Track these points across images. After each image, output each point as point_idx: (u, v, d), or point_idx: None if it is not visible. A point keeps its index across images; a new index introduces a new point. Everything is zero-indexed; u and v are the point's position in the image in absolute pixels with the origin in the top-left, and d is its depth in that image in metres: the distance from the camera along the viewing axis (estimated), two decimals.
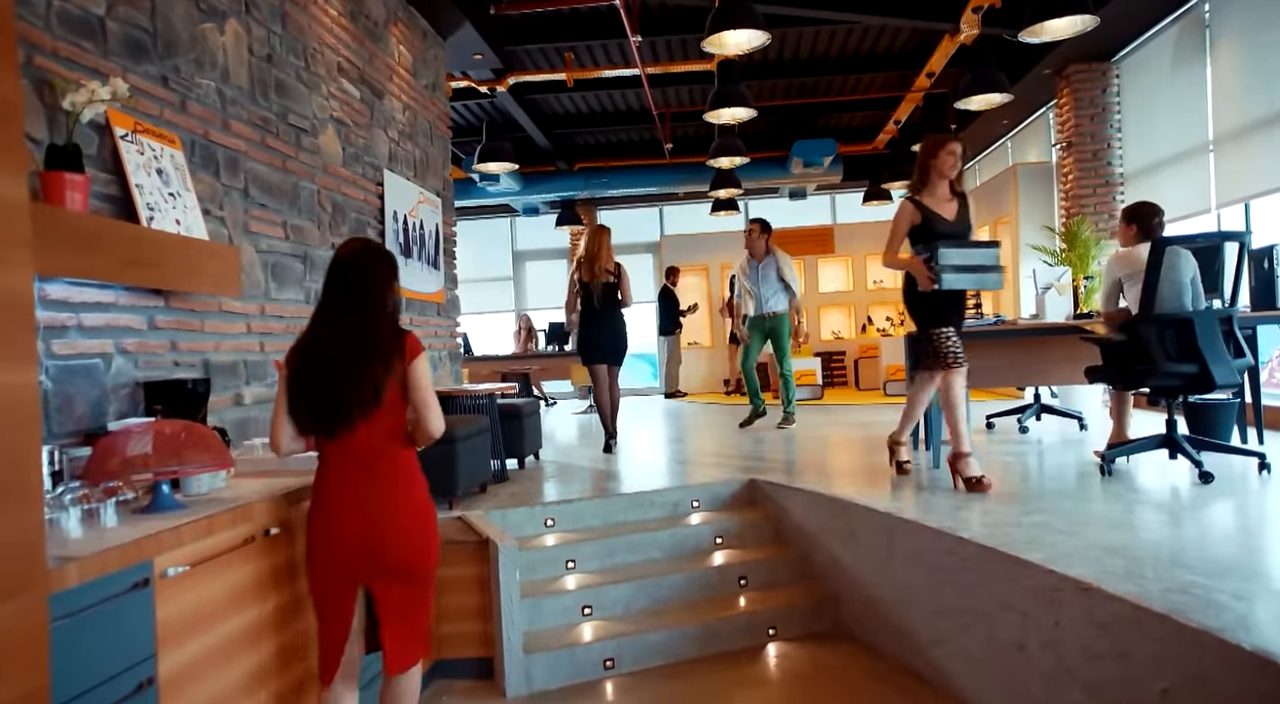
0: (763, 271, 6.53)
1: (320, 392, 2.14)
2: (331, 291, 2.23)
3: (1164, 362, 3.62)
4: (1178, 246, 3.80)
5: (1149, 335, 3.65)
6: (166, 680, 1.80)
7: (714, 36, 5.27)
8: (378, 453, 2.18)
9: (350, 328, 2.17)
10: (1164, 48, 6.95)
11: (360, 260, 2.23)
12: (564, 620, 3.61)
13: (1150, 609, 2.12)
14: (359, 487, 2.15)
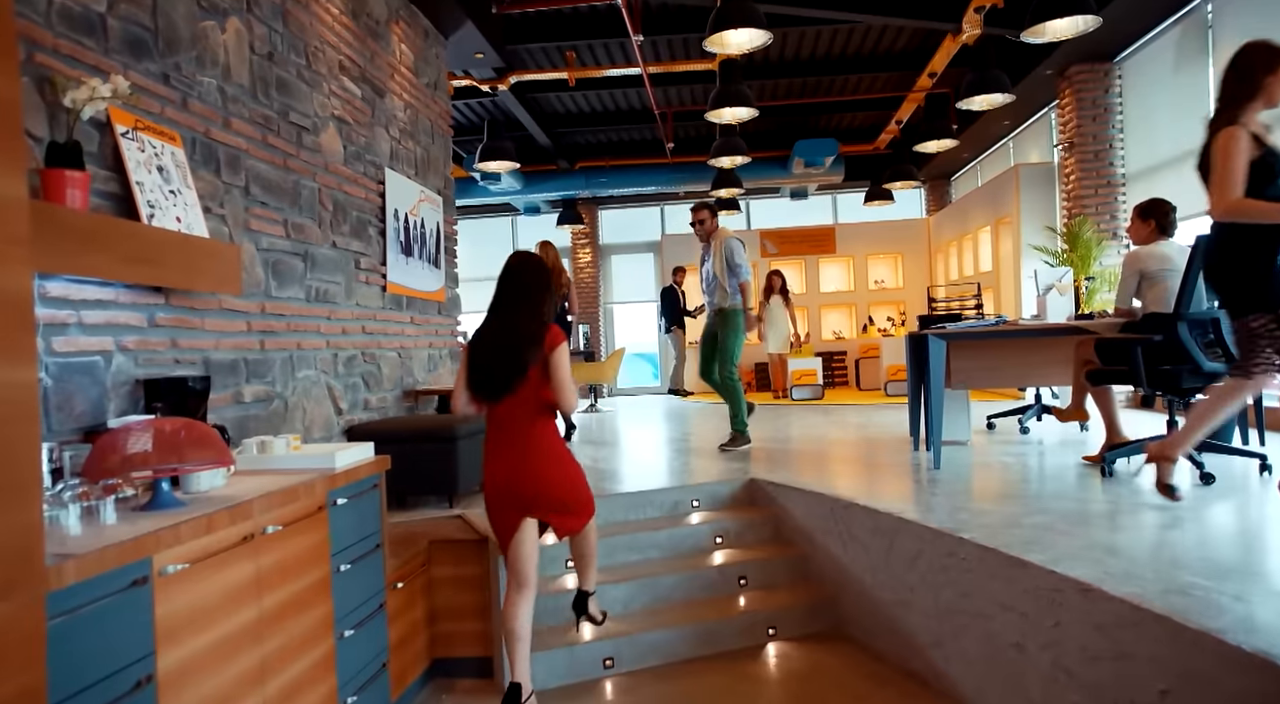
0: (709, 260, 5.56)
1: (486, 368, 2.79)
2: (500, 292, 2.89)
3: (1205, 361, 3.59)
4: (1182, 247, 3.79)
5: (1186, 335, 3.61)
6: (165, 678, 1.80)
7: (715, 36, 5.27)
8: (525, 419, 2.81)
9: (509, 321, 2.83)
10: (1166, 48, 6.94)
11: (522, 269, 2.89)
12: (563, 619, 3.60)
13: (1150, 610, 2.12)
14: (510, 443, 2.82)
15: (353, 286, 4.22)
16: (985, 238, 10.07)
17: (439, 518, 3.83)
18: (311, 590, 2.46)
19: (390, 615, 3.00)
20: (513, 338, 2.78)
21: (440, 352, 5.48)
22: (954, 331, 4.42)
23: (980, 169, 11.81)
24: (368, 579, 2.83)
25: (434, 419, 4.31)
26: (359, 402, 4.26)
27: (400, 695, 3.06)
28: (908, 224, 12.88)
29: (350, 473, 2.71)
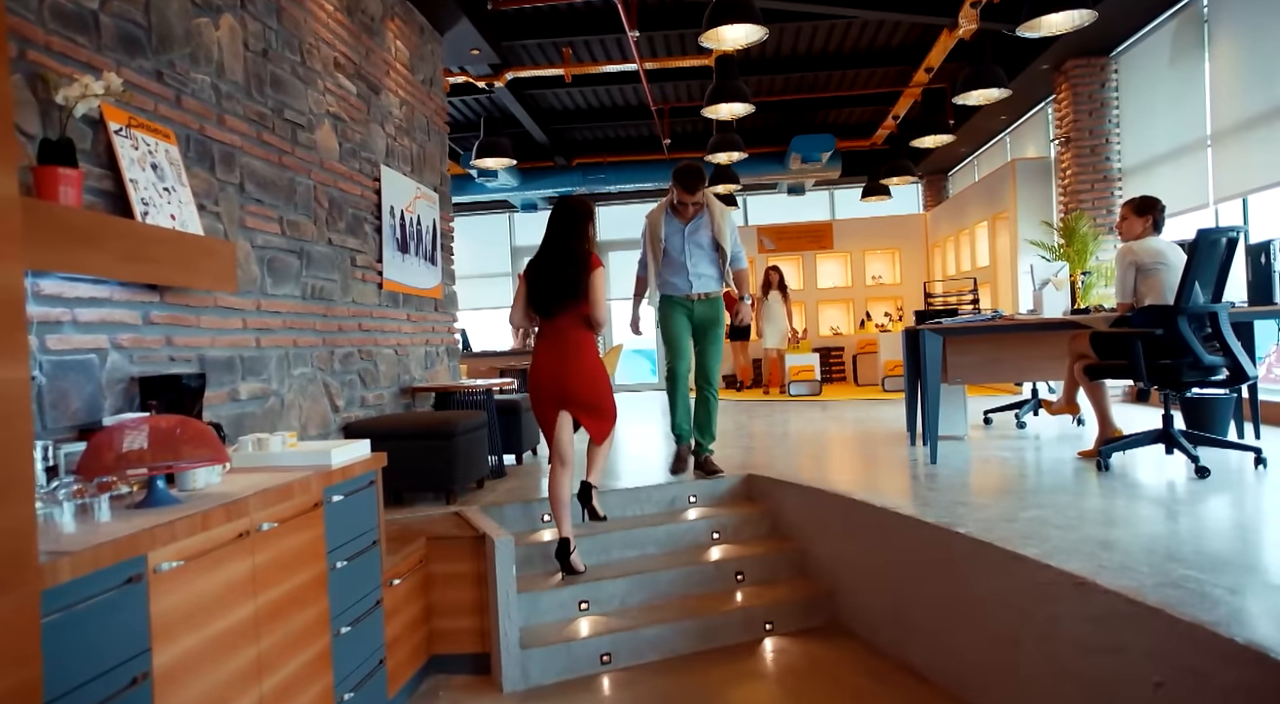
0: (690, 234, 4.48)
1: (542, 288, 3.54)
2: (551, 228, 3.60)
3: (1205, 355, 3.60)
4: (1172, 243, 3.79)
5: (1186, 329, 3.62)
6: (161, 675, 1.80)
7: (711, 32, 5.26)
8: (570, 330, 3.56)
9: (562, 250, 3.55)
10: (1162, 43, 6.94)
11: (568, 208, 3.61)
12: (560, 615, 3.61)
13: (1144, 603, 2.13)
14: (558, 350, 3.57)
15: (349, 284, 4.21)
16: (982, 233, 10.08)
17: (436, 515, 3.83)
18: (308, 587, 2.46)
19: (387, 612, 3.01)
20: (566, 263, 3.52)
21: (437, 348, 5.48)
22: (950, 327, 4.42)
23: (977, 164, 11.81)
24: (364, 576, 2.84)
25: (431, 416, 4.31)
26: (356, 399, 4.26)
27: (397, 692, 3.07)
28: (905, 219, 12.88)
29: (346, 470, 2.71)
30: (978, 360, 4.66)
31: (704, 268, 4.51)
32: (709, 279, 4.53)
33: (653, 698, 3.20)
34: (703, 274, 4.51)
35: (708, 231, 4.49)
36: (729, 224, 4.53)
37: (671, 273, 4.55)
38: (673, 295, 4.56)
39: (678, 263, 4.51)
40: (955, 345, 4.58)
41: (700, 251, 4.50)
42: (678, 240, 4.52)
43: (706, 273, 4.52)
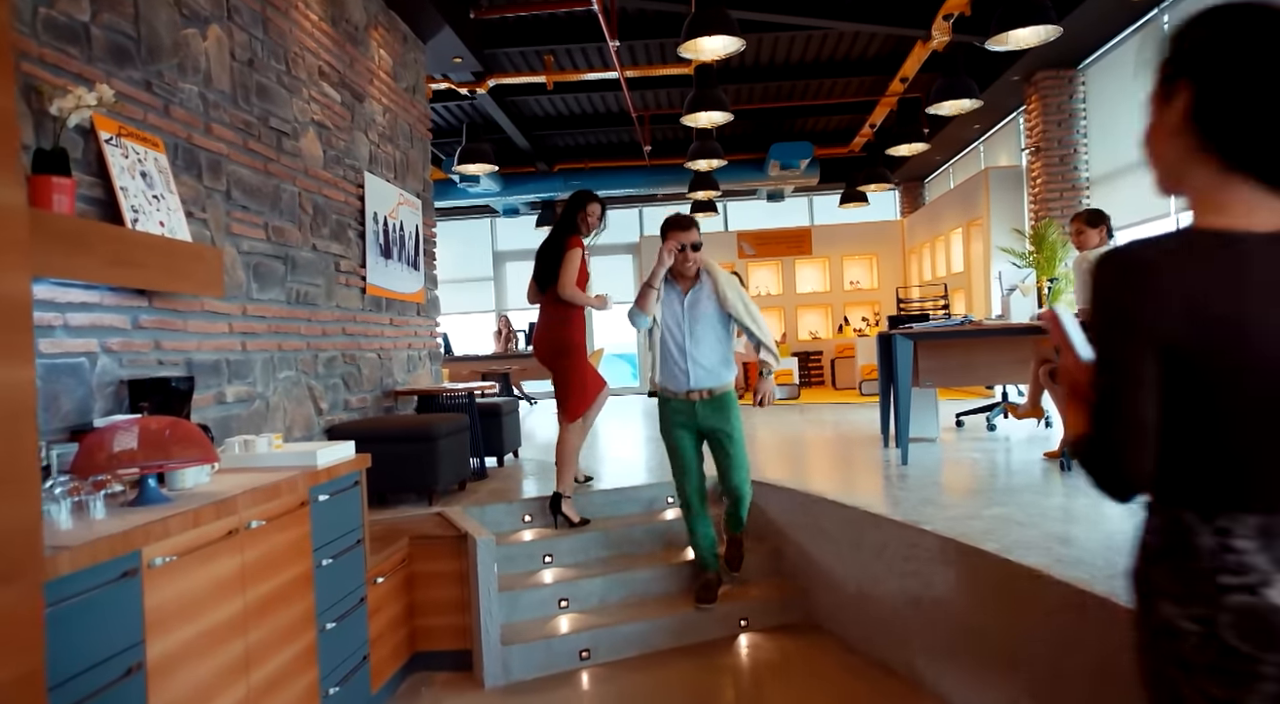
0: (690, 307, 3.55)
1: (537, 269, 4.25)
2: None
3: None
4: None
5: None
6: (155, 666, 1.87)
7: (690, 42, 5.38)
8: (546, 304, 4.23)
9: (549, 235, 4.26)
10: (1126, 57, 7.15)
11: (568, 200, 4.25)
12: (541, 613, 3.70)
13: (1091, 593, 2.25)
14: (539, 323, 4.32)
15: (333, 289, 4.28)
16: (957, 239, 10.27)
17: (419, 515, 3.91)
18: (294, 584, 2.53)
19: (371, 609, 3.08)
20: (548, 246, 4.19)
21: (419, 352, 5.54)
22: (920, 331, 4.56)
23: (952, 172, 12.03)
24: (349, 574, 2.91)
25: (414, 419, 4.38)
26: (339, 402, 4.32)
27: (381, 687, 3.14)
28: (882, 226, 13.08)
29: (331, 470, 2.79)
30: (948, 364, 4.80)
31: (708, 353, 3.53)
32: (714, 370, 3.54)
33: (631, 692, 3.29)
34: (704, 364, 3.52)
35: (712, 302, 3.52)
36: (739, 293, 3.57)
37: (665, 359, 3.57)
38: (667, 391, 3.61)
39: (674, 344, 3.53)
40: (926, 350, 4.71)
41: (705, 330, 3.52)
42: (676, 312, 3.54)
43: (710, 362, 3.53)
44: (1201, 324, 0.99)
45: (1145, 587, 1.10)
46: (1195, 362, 1.00)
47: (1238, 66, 0.99)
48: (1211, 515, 1.02)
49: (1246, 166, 1.01)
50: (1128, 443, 1.03)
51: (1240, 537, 1.00)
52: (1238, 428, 1.01)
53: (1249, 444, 1.01)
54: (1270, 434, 1.00)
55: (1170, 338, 1.00)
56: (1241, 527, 1.00)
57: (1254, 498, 1.00)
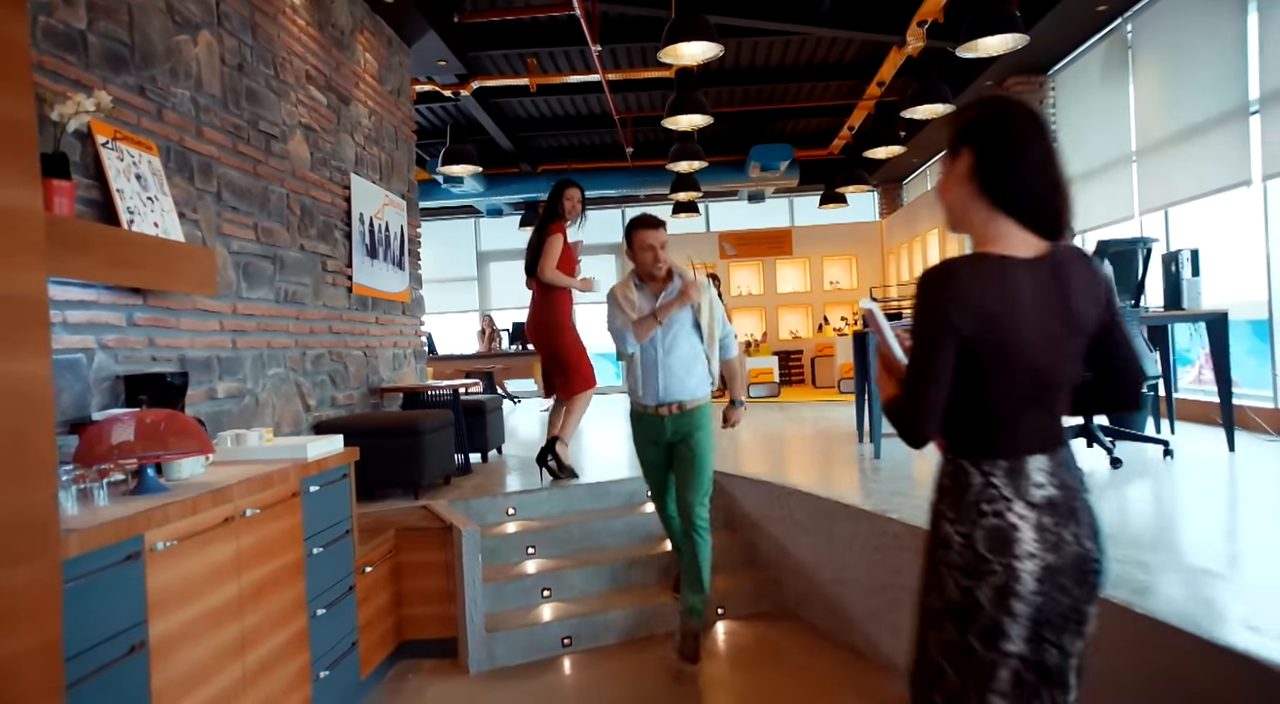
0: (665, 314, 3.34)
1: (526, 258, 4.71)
2: None
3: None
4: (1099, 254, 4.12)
5: None
6: (156, 645, 1.98)
7: (670, 48, 5.50)
8: (535, 288, 4.66)
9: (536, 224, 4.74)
10: (1093, 63, 7.36)
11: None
12: (524, 602, 3.82)
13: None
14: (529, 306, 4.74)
15: (320, 288, 4.38)
16: (934, 240, 10.47)
17: (405, 508, 4.01)
18: (286, 571, 2.64)
19: (359, 597, 3.19)
20: (532, 237, 4.65)
21: (404, 351, 5.64)
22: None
23: (929, 173, 12.24)
24: (338, 562, 3.02)
25: (399, 415, 4.48)
26: (326, 399, 4.42)
27: (369, 673, 3.25)
28: (861, 226, 13.28)
29: (321, 462, 2.90)
30: None
31: (681, 365, 3.34)
32: (688, 383, 3.35)
33: (611, 676, 3.42)
34: (678, 376, 3.34)
35: (686, 308, 3.34)
36: (712, 298, 3.41)
37: (637, 372, 3.40)
38: (638, 406, 3.44)
39: (645, 355, 3.36)
40: None
41: (678, 338, 3.33)
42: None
43: (684, 375, 3.34)
44: (982, 319, 1.36)
45: (936, 514, 1.48)
46: (976, 347, 1.38)
47: (998, 140, 1.41)
48: (980, 462, 1.42)
49: (1008, 211, 1.41)
50: (924, 417, 1.42)
51: (996, 477, 1.41)
52: (998, 399, 1.41)
53: (1005, 411, 1.42)
54: (1017, 402, 1.41)
55: (964, 329, 1.37)
56: (998, 469, 1.42)
57: (1006, 449, 1.42)
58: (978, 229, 1.46)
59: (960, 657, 1.44)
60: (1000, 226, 1.42)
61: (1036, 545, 1.38)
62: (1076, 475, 1.47)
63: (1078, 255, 1.46)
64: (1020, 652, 1.41)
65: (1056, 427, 1.47)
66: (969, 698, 1.44)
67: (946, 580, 1.45)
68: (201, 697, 2.15)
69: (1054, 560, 1.39)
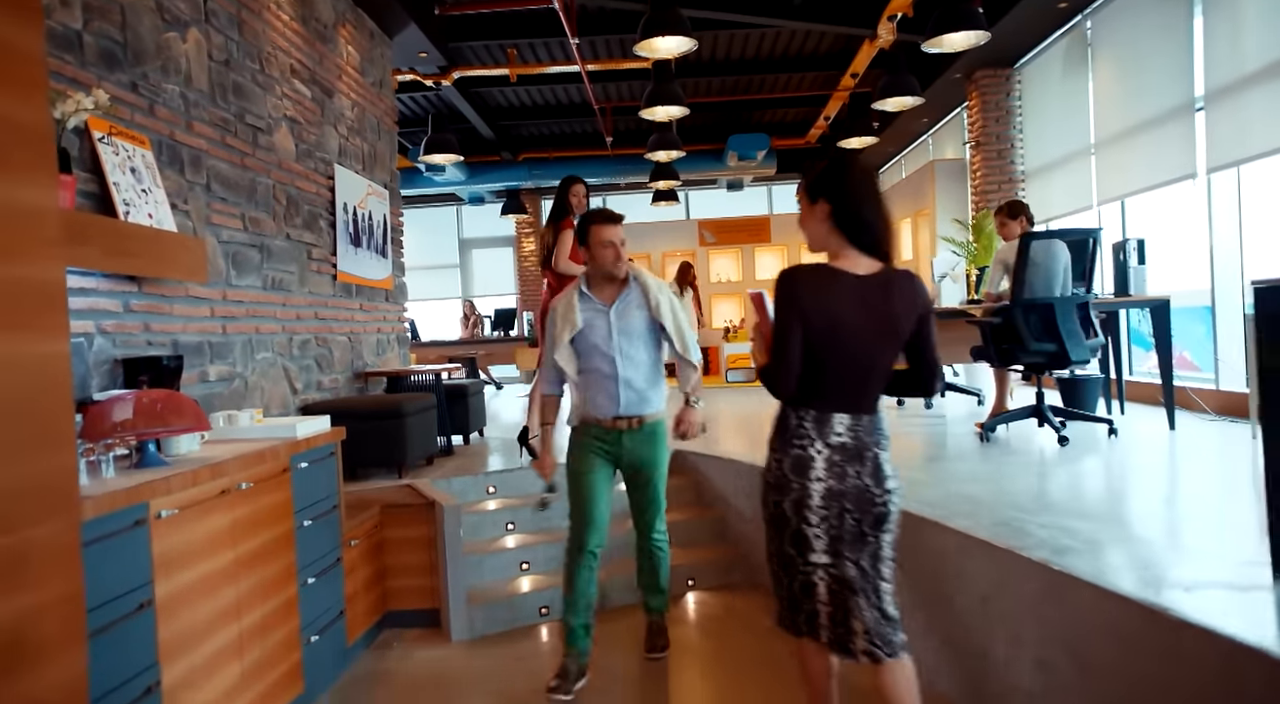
0: (619, 318, 3.00)
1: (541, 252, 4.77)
2: None
3: (1030, 341, 4.18)
4: (1050, 240, 4.34)
5: (1017, 317, 4.20)
6: (161, 604, 2.16)
7: (645, 42, 5.67)
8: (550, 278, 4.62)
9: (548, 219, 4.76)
10: (1055, 58, 7.59)
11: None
12: (504, 575, 4.02)
13: (975, 537, 2.63)
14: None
15: (305, 275, 4.53)
16: (906, 229, 10.71)
17: (389, 487, 4.19)
18: (278, 541, 2.82)
19: (346, 569, 3.37)
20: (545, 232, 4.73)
21: (388, 336, 5.80)
22: None
23: (903, 163, 12.47)
24: (326, 535, 3.20)
25: (383, 398, 4.66)
26: (312, 382, 4.58)
27: (356, 640, 3.44)
28: None
29: (310, 441, 3.07)
30: None
31: (640, 373, 3.01)
32: (647, 395, 3.03)
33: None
34: (637, 387, 3.00)
35: (643, 312, 3.00)
36: (671, 301, 3.07)
37: (590, 385, 3.03)
38: (588, 418, 3.07)
39: (600, 368, 2.98)
40: None
41: (636, 346, 2.99)
42: (602, 328, 2.98)
43: (643, 384, 3.01)
44: (817, 308, 1.93)
45: (769, 445, 2.04)
46: (810, 330, 1.93)
47: (848, 194, 1.97)
48: (799, 410, 1.99)
49: (855, 243, 1.97)
50: (786, 376, 1.96)
51: (807, 421, 1.98)
52: (821, 369, 1.96)
53: (824, 378, 1.96)
54: (834, 374, 1.96)
55: (805, 315, 1.92)
56: (809, 417, 1.98)
57: (819, 404, 1.97)
58: (833, 252, 2.01)
59: (784, 562, 2.03)
60: (849, 252, 1.97)
61: (825, 473, 1.94)
62: (876, 435, 2.00)
63: (907, 275, 2.00)
64: (825, 562, 1.97)
65: (865, 397, 1.99)
66: (797, 598, 2.03)
67: (767, 496, 2.02)
68: (203, 653, 2.34)
69: (836, 486, 1.94)
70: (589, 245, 3.01)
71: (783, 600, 2.09)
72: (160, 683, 2.14)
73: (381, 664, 3.46)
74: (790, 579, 2.03)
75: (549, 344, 3.07)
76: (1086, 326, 4.34)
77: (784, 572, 2.05)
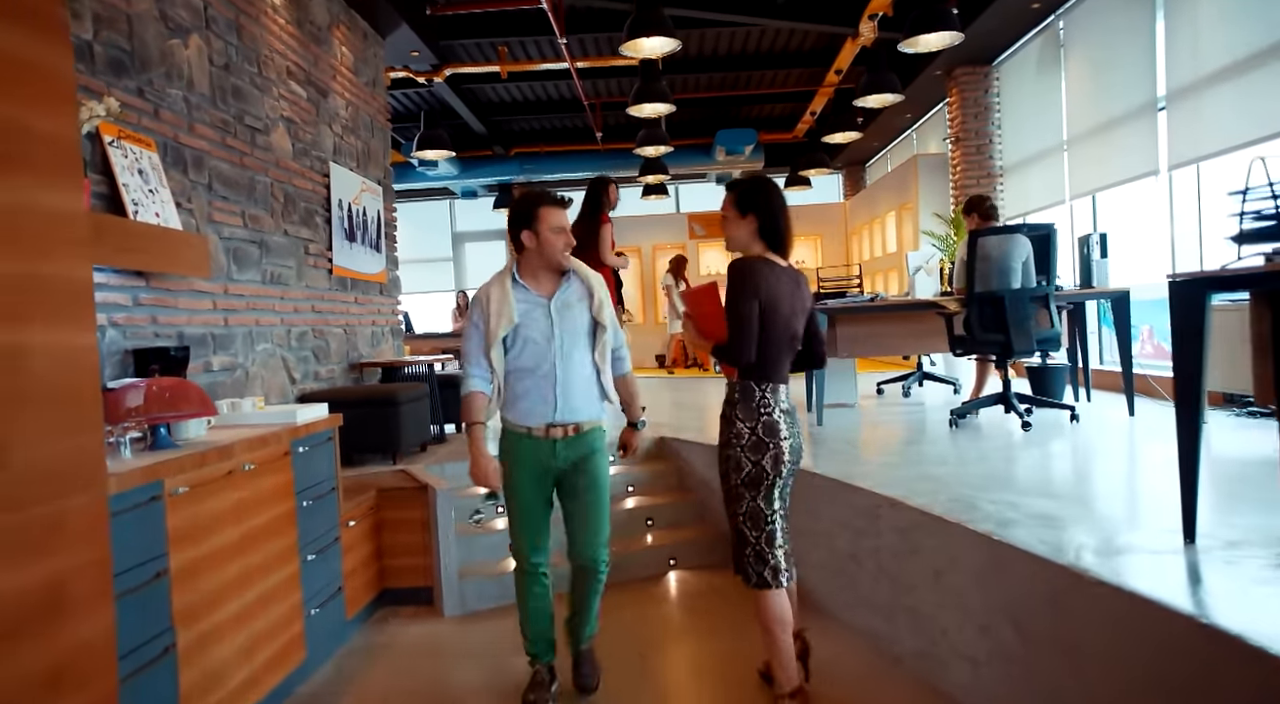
0: (560, 311, 2.73)
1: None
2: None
3: (979, 332, 4.40)
4: (1005, 235, 4.55)
5: (970, 310, 4.42)
6: (175, 574, 2.36)
7: (631, 42, 5.85)
8: None
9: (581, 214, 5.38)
10: (1030, 57, 7.79)
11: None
12: (493, 555, 4.22)
13: (930, 513, 2.84)
14: None
15: (303, 270, 4.71)
16: (891, 221, 10.92)
17: (384, 472, 4.39)
18: (280, 520, 3.02)
19: (345, 548, 3.57)
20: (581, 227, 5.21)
21: (382, 328, 5.98)
22: (832, 307, 5.14)
23: (890, 157, 12.66)
24: (325, 515, 3.40)
25: (379, 388, 4.84)
26: (310, 373, 4.77)
27: (355, 615, 3.64)
28: (826, 208, 13.69)
29: (309, 426, 3.27)
30: (860, 335, 5.40)
31: (580, 375, 2.70)
32: (588, 398, 2.73)
33: None
34: (579, 391, 2.70)
35: (584, 307, 2.72)
36: (602, 299, 2.76)
37: (522, 387, 2.69)
38: (519, 429, 2.72)
39: (537, 364, 2.66)
40: (841, 323, 5.30)
41: (576, 344, 2.69)
42: (542, 323, 2.67)
43: (583, 387, 2.71)
44: (765, 293, 2.39)
45: (729, 419, 2.45)
46: (763, 311, 2.39)
47: (772, 210, 2.46)
48: (761, 383, 2.43)
49: (772, 248, 2.48)
50: (747, 348, 2.39)
51: (769, 393, 2.43)
52: (770, 347, 2.41)
53: (772, 354, 2.42)
54: (777, 350, 2.43)
55: (759, 296, 2.38)
56: (770, 388, 2.44)
57: (772, 377, 2.44)
58: (756, 254, 2.47)
59: (754, 519, 2.43)
60: (768, 253, 2.48)
61: (786, 432, 2.43)
62: (791, 401, 2.51)
63: (801, 272, 2.57)
64: (777, 509, 2.46)
65: (787, 369, 2.51)
66: (763, 551, 2.44)
67: (743, 460, 2.41)
68: (213, 621, 2.54)
69: (793, 443, 2.47)
70: (535, 230, 2.68)
71: (750, 559, 2.46)
72: (175, 645, 2.34)
73: (379, 637, 3.67)
74: (759, 533, 2.44)
75: (477, 337, 2.70)
76: (1048, 318, 4.55)
77: (752, 528, 2.45)
